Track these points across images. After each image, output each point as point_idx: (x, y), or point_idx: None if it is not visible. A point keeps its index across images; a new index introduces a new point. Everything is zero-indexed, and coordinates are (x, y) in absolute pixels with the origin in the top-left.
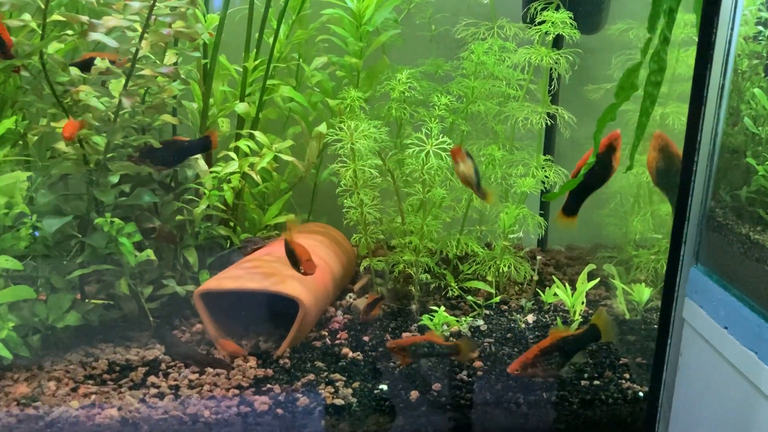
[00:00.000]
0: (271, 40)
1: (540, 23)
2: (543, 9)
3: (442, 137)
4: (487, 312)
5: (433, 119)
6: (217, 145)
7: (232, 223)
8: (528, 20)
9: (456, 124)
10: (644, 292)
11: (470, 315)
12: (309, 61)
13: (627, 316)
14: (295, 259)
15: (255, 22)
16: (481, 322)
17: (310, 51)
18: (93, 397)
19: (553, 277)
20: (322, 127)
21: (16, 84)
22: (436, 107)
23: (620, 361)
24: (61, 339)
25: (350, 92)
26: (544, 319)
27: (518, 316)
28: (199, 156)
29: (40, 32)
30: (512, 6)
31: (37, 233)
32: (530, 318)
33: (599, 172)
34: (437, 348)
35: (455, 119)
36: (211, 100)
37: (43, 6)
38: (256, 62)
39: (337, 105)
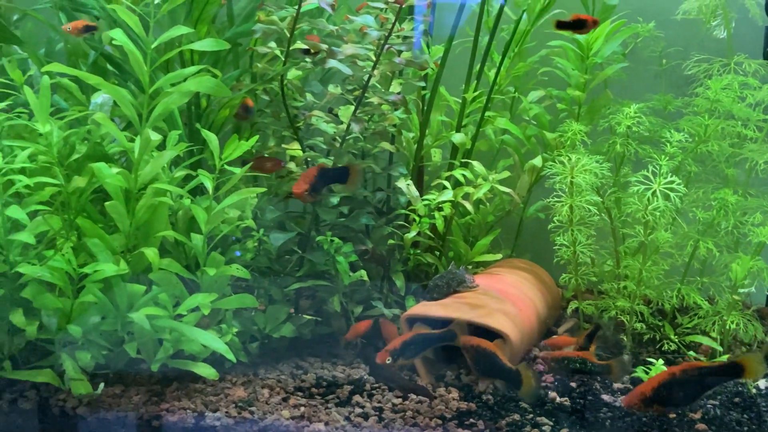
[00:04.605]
0: (490, 73)
1: None
2: None
3: (670, 176)
4: None
5: (663, 156)
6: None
7: (437, 252)
8: None
9: (684, 164)
10: None
11: None
12: (523, 94)
13: None
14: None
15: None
16: None
17: (526, 84)
18: (302, 409)
19: None
20: (537, 161)
21: (257, 108)
22: (668, 143)
23: None
24: (276, 349)
25: (572, 125)
26: None
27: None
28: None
29: (283, 58)
30: (752, 41)
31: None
32: (762, 383)
33: None
34: (589, 365)
35: (684, 158)
36: (427, 130)
37: (288, 34)
38: (475, 93)
39: (554, 138)
